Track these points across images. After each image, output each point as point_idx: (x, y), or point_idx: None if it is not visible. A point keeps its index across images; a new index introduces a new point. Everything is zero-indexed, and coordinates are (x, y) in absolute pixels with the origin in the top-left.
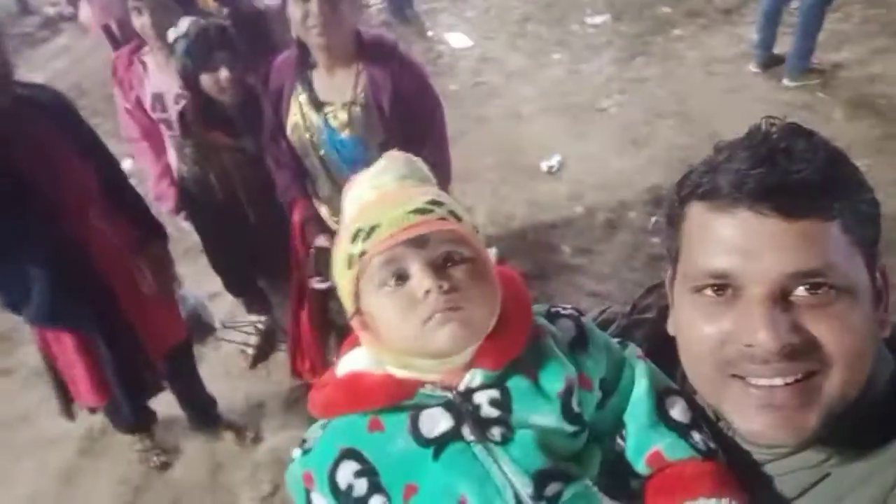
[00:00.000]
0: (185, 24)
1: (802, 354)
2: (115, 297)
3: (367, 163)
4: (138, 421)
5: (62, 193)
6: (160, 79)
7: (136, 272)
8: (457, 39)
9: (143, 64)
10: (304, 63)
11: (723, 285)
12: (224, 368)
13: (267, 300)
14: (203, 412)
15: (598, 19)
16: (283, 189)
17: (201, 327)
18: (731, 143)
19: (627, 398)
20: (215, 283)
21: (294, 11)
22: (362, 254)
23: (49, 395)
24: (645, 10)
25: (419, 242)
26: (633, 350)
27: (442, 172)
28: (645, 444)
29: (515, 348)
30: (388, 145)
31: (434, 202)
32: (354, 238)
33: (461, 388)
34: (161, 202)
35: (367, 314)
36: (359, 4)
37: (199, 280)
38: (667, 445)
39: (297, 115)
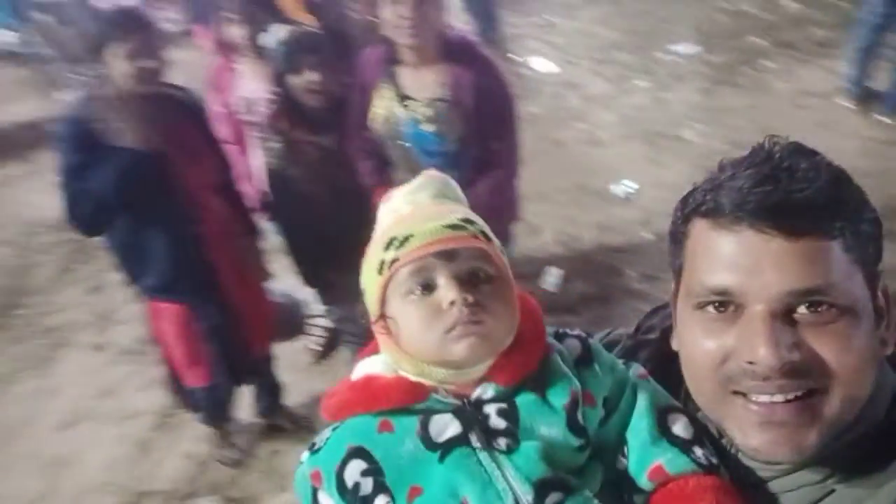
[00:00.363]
0: (280, 31)
1: (803, 372)
2: (221, 280)
3: (446, 155)
4: (224, 412)
5: (191, 179)
6: (250, 84)
7: (241, 260)
8: (541, 64)
9: (235, 71)
10: (391, 59)
11: (725, 302)
12: (290, 362)
13: (345, 291)
14: (271, 397)
15: (684, 48)
16: (366, 176)
17: (291, 322)
18: (735, 161)
19: (629, 416)
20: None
21: (385, 12)
22: (393, 261)
23: (133, 373)
24: (734, 40)
25: (449, 256)
26: (636, 369)
27: (511, 165)
28: (647, 458)
29: (528, 367)
30: (467, 139)
31: (466, 220)
32: (388, 246)
33: (472, 397)
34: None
35: (390, 320)
36: (445, 7)
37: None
38: (668, 460)
39: (382, 107)
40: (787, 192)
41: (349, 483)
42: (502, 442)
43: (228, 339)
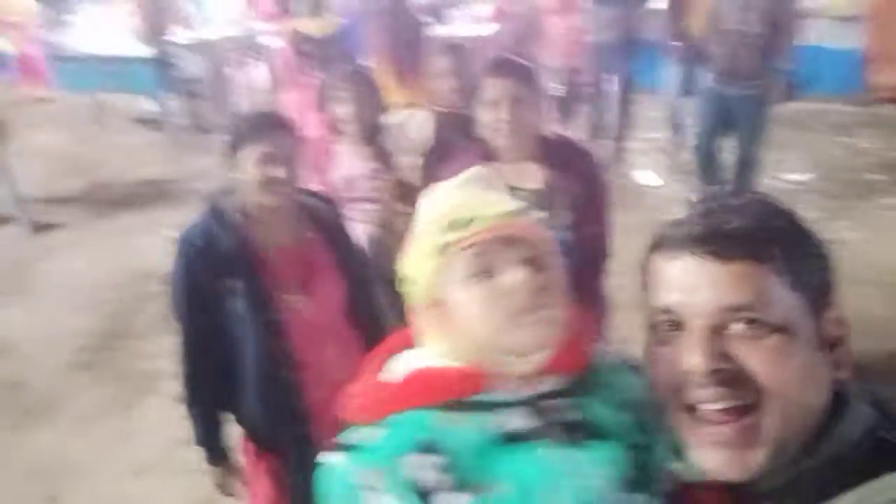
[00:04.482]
0: (402, 115)
1: (737, 383)
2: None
3: (560, 243)
4: None
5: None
6: (350, 163)
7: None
8: (644, 177)
9: (334, 151)
10: (488, 157)
11: (674, 321)
12: None
13: None
14: None
15: (797, 176)
16: None
17: None
18: (691, 203)
19: (656, 433)
20: None
21: (483, 115)
22: (453, 243)
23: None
24: (851, 173)
25: (512, 241)
26: None
27: (604, 249)
28: (668, 463)
29: (585, 355)
30: (575, 227)
31: (525, 210)
32: (447, 229)
33: (538, 390)
34: None
35: (444, 306)
36: (541, 110)
37: None
38: (688, 466)
39: None
40: (721, 222)
41: (416, 477)
42: (574, 438)
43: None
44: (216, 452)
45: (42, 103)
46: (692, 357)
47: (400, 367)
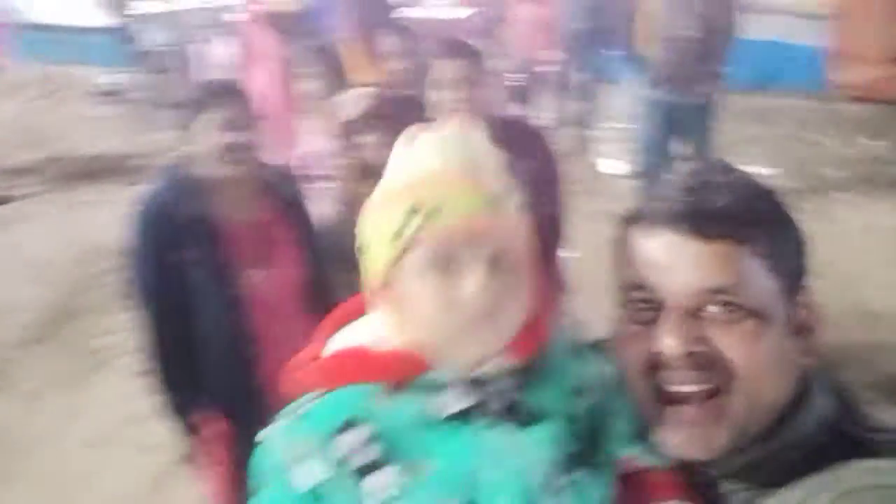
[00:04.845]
0: (359, 92)
1: (709, 366)
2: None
3: None
4: None
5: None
6: (311, 140)
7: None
8: (609, 165)
9: (299, 126)
10: None
11: (647, 299)
12: None
13: None
14: None
15: (753, 169)
16: None
17: None
18: (672, 177)
19: (610, 411)
20: None
21: (432, 96)
22: (414, 231)
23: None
24: (808, 167)
25: (481, 237)
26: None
27: (558, 230)
28: (619, 449)
29: (540, 343)
30: (530, 208)
31: (502, 192)
32: (412, 213)
33: (481, 372)
34: None
35: (395, 292)
36: (493, 91)
37: None
38: (641, 451)
39: None
40: (704, 200)
41: (347, 453)
42: (515, 418)
43: None
44: (186, 424)
45: None
46: (667, 339)
47: (343, 340)
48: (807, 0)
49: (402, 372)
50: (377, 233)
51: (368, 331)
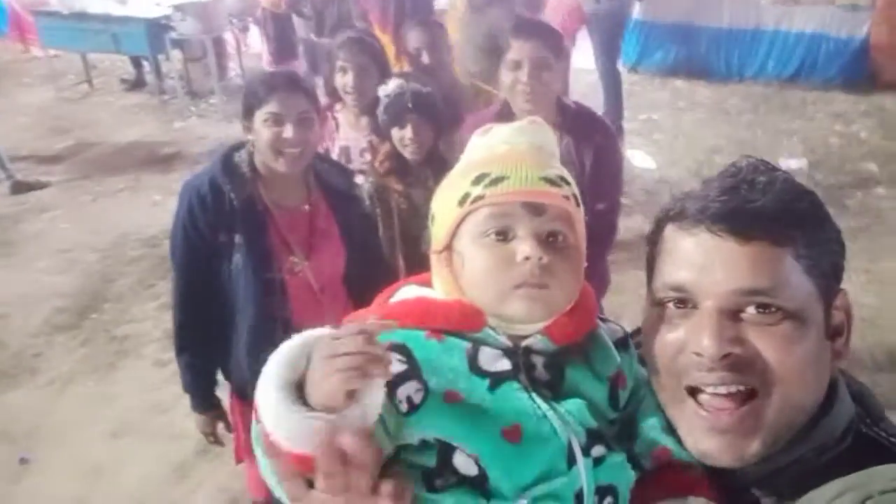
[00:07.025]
0: (393, 84)
1: (745, 368)
2: None
3: None
4: None
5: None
6: (349, 133)
7: None
8: (639, 158)
9: (336, 119)
10: (505, 118)
11: (682, 299)
12: None
13: None
14: None
15: (793, 163)
16: None
17: None
18: (712, 177)
19: (640, 408)
20: None
21: (504, 78)
22: (479, 198)
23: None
24: (846, 164)
25: (536, 209)
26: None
27: (612, 222)
28: (655, 441)
29: (583, 330)
30: (582, 198)
31: (563, 179)
32: (477, 180)
33: (524, 344)
34: None
35: (456, 254)
36: (564, 75)
37: None
38: (675, 444)
39: None
40: (743, 200)
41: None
42: (546, 393)
43: None
44: (202, 400)
45: (31, 61)
46: (703, 339)
47: (406, 293)
48: None
49: (460, 322)
50: (445, 200)
51: (427, 291)
